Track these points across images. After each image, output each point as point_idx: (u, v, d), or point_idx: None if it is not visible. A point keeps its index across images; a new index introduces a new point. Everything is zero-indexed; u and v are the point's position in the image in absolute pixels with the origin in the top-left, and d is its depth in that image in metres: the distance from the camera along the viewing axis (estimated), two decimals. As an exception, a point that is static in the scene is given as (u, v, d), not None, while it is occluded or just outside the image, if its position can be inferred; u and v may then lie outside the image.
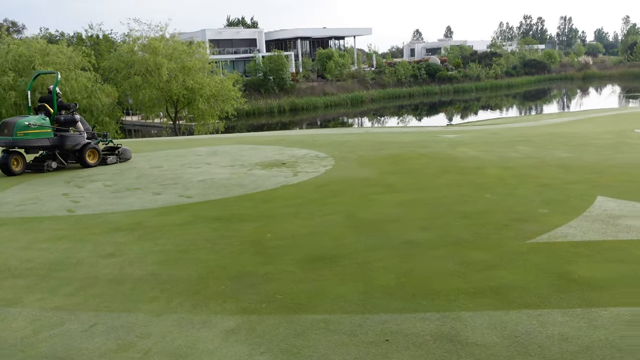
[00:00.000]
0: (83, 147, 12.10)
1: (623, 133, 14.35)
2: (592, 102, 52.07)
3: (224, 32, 71.87)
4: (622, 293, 4.34)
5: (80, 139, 12.09)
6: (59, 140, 11.79)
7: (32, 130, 11.41)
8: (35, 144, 11.56)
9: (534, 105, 54.66)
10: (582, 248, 5.43)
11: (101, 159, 12.38)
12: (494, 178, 8.95)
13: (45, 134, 11.60)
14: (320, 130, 26.25)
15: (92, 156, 12.27)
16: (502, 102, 59.33)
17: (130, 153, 13.09)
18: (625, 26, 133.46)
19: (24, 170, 11.63)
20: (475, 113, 47.51)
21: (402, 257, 5.34)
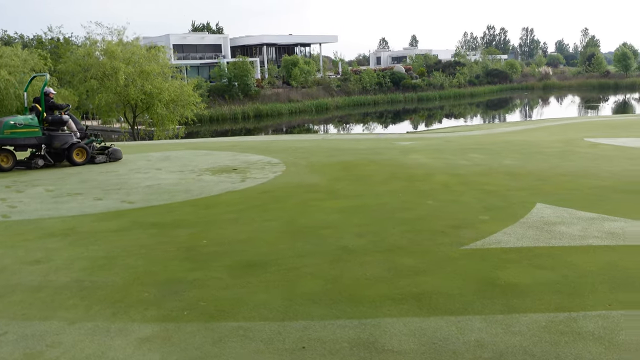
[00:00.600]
0: (71, 146, 12.48)
1: (572, 142, 14.65)
2: (552, 111, 53.32)
3: (188, 37, 71.25)
4: (543, 299, 4.37)
5: (68, 138, 12.47)
6: (47, 139, 12.30)
7: (18, 129, 11.99)
8: (22, 142, 12.14)
9: (496, 114, 55.62)
10: (513, 254, 5.47)
11: (89, 158, 12.74)
12: (440, 185, 9.01)
13: (32, 132, 12.15)
14: (279, 136, 26.18)
15: (80, 155, 12.65)
16: (465, 111, 60.19)
17: (120, 153, 13.34)
18: (584, 38, 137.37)
19: (13, 167, 12.19)
20: (440, 121, 48.06)
21: (332, 263, 5.30)
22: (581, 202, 7.62)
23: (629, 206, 7.33)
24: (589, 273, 4.92)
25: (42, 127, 12.30)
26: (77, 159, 12.59)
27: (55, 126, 12.45)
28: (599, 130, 18.24)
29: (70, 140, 12.48)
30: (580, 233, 6.15)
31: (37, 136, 12.21)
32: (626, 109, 53.71)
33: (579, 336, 3.77)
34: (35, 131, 12.18)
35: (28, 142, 12.21)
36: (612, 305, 4.24)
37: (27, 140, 12.16)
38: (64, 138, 12.43)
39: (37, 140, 12.24)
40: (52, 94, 12.73)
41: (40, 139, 12.26)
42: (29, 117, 12.27)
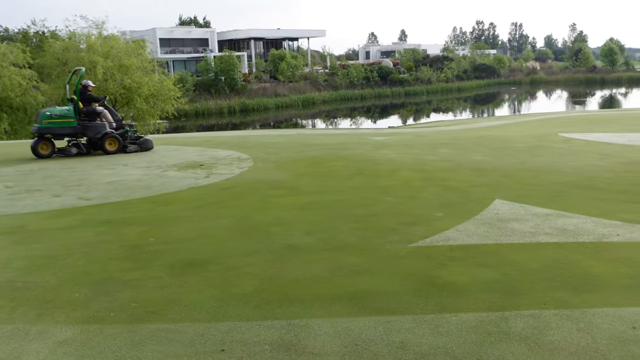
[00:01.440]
0: (104, 136, 13.26)
1: (546, 137, 14.64)
2: (538, 106, 53.33)
3: (175, 31, 70.77)
4: (479, 298, 4.31)
5: (101, 129, 13.29)
6: (82, 129, 13.19)
7: (55, 120, 12.98)
8: (59, 132, 13.13)
9: (483, 108, 55.64)
10: (459, 252, 5.41)
11: (121, 147, 13.48)
12: (403, 181, 8.94)
13: (68, 123, 13.07)
14: (255, 131, 25.95)
15: (112, 144, 13.40)
16: (452, 105, 60.17)
17: (152, 143, 14.00)
18: (572, 33, 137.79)
19: (52, 154, 13.12)
20: (427, 115, 47.99)
21: (273, 262, 5.21)
22: (540, 198, 7.58)
23: (587, 202, 7.30)
24: (532, 271, 4.86)
25: (78, 118, 13.15)
26: (109, 148, 13.34)
27: (90, 117, 13.29)
28: (576, 125, 18.25)
29: (103, 130, 13.27)
30: (532, 230, 6.10)
31: (73, 126, 13.09)
32: (612, 104, 53.95)
33: (506, 336, 3.70)
34: (71, 121, 13.06)
35: (64, 132, 13.14)
36: (547, 304, 4.18)
37: (63, 129, 13.08)
38: (98, 128, 13.26)
39: (72, 130, 13.12)
40: (90, 87, 13.58)
41: (76, 129, 13.14)
42: (65, 108, 13.24)
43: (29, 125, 26.95)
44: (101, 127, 13.30)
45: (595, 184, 8.43)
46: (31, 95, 26.26)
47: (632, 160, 10.43)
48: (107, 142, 13.32)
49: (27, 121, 26.67)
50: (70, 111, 13.11)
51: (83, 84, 13.44)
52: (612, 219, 6.48)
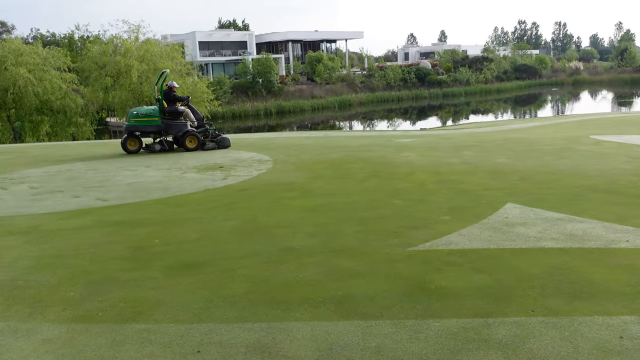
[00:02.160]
0: (184, 134, 14.15)
1: (577, 139, 14.24)
2: (580, 107, 52.00)
3: (214, 34, 71.81)
4: (467, 304, 4.23)
5: (183, 127, 14.20)
6: (165, 127, 14.15)
7: (141, 118, 14.06)
8: (144, 130, 14.20)
9: (521, 110, 54.54)
10: (457, 257, 5.32)
11: (201, 144, 14.31)
12: (417, 184, 8.84)
13: (152, 121, 14.08)
14: (284, 133, 25.99)
15: (192, 142, 14.25)
16: (491, 107, 59.17)
17: (229, 141, 14.81)
18: (618, 32, 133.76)
19: (139, 150, 14.32)
20: (466, 117, 47.33)
21: (269, 265, 5.24)
22: (554, 201, 7.39)
23: (602, 207, 7.07)
24: (528, 277, 4.75)
25: (162, 117, 14.10)
26: (189, 145, 14.19)
27: (173, 116, 14.23)
28: (610, 127, 17.70)
29: (184, 128, 14.17)
30: (538, 234, 5.95)
31: (157, 124, 14.09)
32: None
33: (485, 344, 3.63)
34: (155, 120, 14.06)
35: (149, 130, 14.19)
36: (535, 311, 4.08)
37: (148, 127, 14.14)
38: (179, 126, 14.18)
39: (156, 128, 14.13)
40: (175, 87, 14.52)
41: (159, 127, 14.11)
42: (151, 108, 14.29)
43: (69, 127, 27.84)
44: (183, 126, 14.17)
45: (616, 187, 8.16)
46: (71, 99, 27.09)
47: (661, 163, 10.06)
48: (188, 139, 14.16)
49: (67, 123, 27.53)
50: (155, 110, 14.11)
51: (168, 85, 14.41)
52: (625, 224, 6.26)
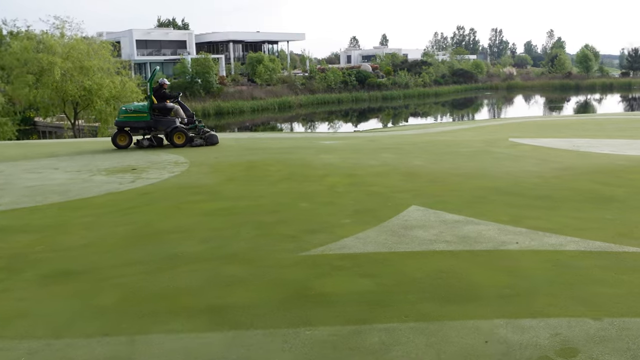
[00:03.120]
0: (172, 130, 14.34)
1: (495, 142, 14.57)
2: (513, 111, 53.72)
3: (152, 32, 70.21)
4: (343, 310, 4.14)
5: (171, 123, 14.38)
6: (153, 124, 14.40)
7: (130, 114, 14.44)
8: (134, 125, 14.52)
9: (458, 113, 55.82)
10: (347, 261, 5.24)
11: (189, 140, 14.46)
12: (328, 186, 8.76)
13: (141, 117, 14.37)
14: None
15: (180, 138, 14.42)
16: (429, 110, 60.31)
17: (216, 138, 14.92)
18: (550, 40, 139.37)
19: (129, 146, 14.61)
20: (406, 120, 47.98)
21: (150, 273, 5.00)
22: (457, 203, 7.45)
23: (502, 208, 7.17)
24: (411, 281, 4.71)
25: (151, 113, 14.32)
26: (177, 141, 14.38)
27: (162, 113, 14.43)
28: (532, 130, 18.24)
29: (172, 125, 14.35)
30: (433, 237, 5.95)
31: (145, 120, 14.36)
32: (587, 110, 54.43)
33: (351, 352, 3.54)
34: (144, 116, 14.35)
35: (138, 125, 14.48)
36: (409, 317, 4.02)
37: (137, 123, 14.45)
38: (167, 123, 14.39)
39: (145, 124, 14.41)
40: (165, 85, 14.80)
41: (148, 123, 14.39)
42: (141, 104, 14.73)
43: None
44: (171, 122, 14.37)
45: (519, 189, 8.32)
46: (-10, 97, 25.79)
47: (566, 165, 10.36)
48: (175, 136, 14.36)
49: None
50: (145, 107, 14.43)
51: (159, 82, 14.71)
52: (519, 225, 6.35)
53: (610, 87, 73.35)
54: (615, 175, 9.33)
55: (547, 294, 4.39)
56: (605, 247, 5.56)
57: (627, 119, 22.12)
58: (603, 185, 8.54)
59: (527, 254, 5.38)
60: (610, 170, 9.85)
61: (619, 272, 4.88)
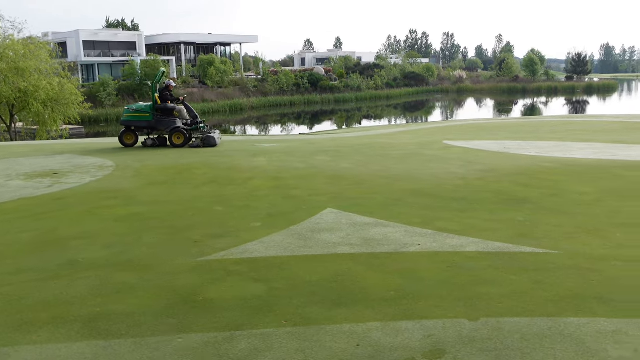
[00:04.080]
0: (172, 130, 14.53)
1: (429, 144, 14.77)
2: (463, 113, 54.71)
3: (100, 33, 68.68)
4: (224, 316, 4.08)
5: (172, 124, 14.58)
6: (155, 124, 14.66)
7: (133, 114, 14.77)
8: (137, 125, 14.86)
9: (409, 115, 56.49)
10: (244, 265, 5.18)
11: (188, 141, 14.63)
12: (250, 189, 8.70)
13: (144, 117, 14.67)
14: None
15: (179, 138, 14.58)
16: (382, 112, 60.84)
17: (214, 140, 14.77)
18: (499, 44, 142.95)
19: (134, 144, 14.99)
20: (359, 122, 48.21)
21: (40, 281, 4.83)
22: (373, 206, 7.49)
23: (416, 210, 7.25)
24: (304, 285, 4.69)
25: (153, 113, 14.56)
26: (176, 141, 14.57)
27: (165, 113, 14.62)
28: (470, 132, 18.59)
29: (172, 125, 14.54)
30: (339, 240, 5.95)
31: (147, 120, 14.64)
32: (534, 112, 55.97)
33: (218, 358, 3.48)
34: (146, 116, 14.63)
35: (141, 125, 14.79)
36: (289, 321, 3.99)
37: (140, 123, 14.76)
38: (168, 123, 14.59)
39: (147, 123, 14.71)
40: (171, 87, 15.08)
41: (150, 123, 14.67)
42: (144, 104, 14.96)
43: None
44: (172, 123, 14.55)
45: (438, 191, 8.43)
46: None
47: (491, 167, 10.57)
48: (175, 136, 14.53)
49: None
50: (148, 107, 14.71)
51: (166, 83, 15.05)
52: (427, 227, 6.43)
53: (555, 91, 75.69)
54: (536, 177, 9.56)
55: (433, 296, 4.44)
56: (503, 248, 5.68)
57: (563, 122, 22.80)
58: (521, 187, 8.74)
59: (426, 256, 5.44)
60: (533, 172, 10.09)
61: (509, 272, 4.98)
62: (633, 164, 10.83)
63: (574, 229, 6.37)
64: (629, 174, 9.66)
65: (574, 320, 4.00)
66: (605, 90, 77.18)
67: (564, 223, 6.62)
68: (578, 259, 5.33)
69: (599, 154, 12.27)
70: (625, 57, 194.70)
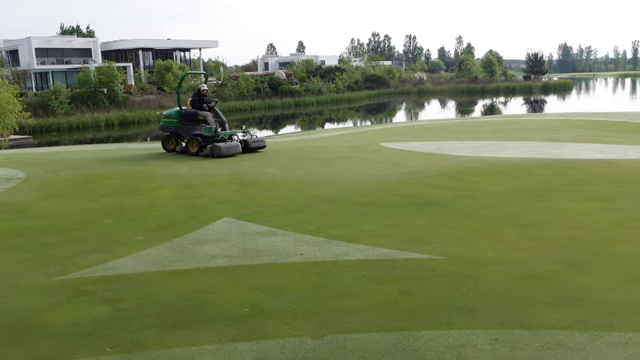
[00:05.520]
0: (189, 138, 13.80)
1: (364, 147, 14.52)
2: (424, 114, 54.90)
3: (54, 40, 67.08)
4: (41, 345, 3.67)
5: (191, 130, 13.85)
6: (180, 129, 14.20)
7: (165, 120, 14.71)
8: (167, 130, 14.66)
9: (373, 118, 56.42)
10: (100, 285, 4.80)
11: (201, 149, 13.54)
12: (151, 199, 8.29)
13: (172, 123, 14.43)
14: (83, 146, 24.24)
15: (194, 146, 13.72)
16: (344, 115, 60.62)
17: (219, 150, 13.17)
18: (459, 45, 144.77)
19: (174, 150, 14.45)
20: (322, 125, 47.79)
21: None
22: (273, 214, 7.17)
23: (314, 217, 6.96)
24: (156, 304, 4.34)
25: (180, 119, 14.15)
26: (191, 149, 13.79)
27: (189, 119, 14.04)
28: (412, 133, 18.40)
29: (191, 132, 13.77)
30: (219, 252, 5.61)
31: (175, 126, 14.33)
32: (493, 112, 56.53)
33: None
34: (174, 122, 14.34)
35: (170, 131, 14.51)
36: (114, 347, 3.62)
37: (169, 129, 14.52)
38: (188, 130, 13.95)
39: (175, 129, 14.35)
40: (203, 91, 14.35)
41: (177, 129, 14.27)
42: (174, 110, 14.62)
43: None
44: (191, 130, 13.85)
45: (349, 196, 8.15)
46: None
47: (415, 169, 10.35)
48: (190, 144, 13.78)
49: None
50: (175, 113, 14.36)
51: (199, 88, 14.47)
52: (319, 235, 6.13)
53: (513, 91, 76.73)
54: (457, 178, 9.37)
55: (288, 312, 4.12)
56: (388, 255, 5.41)
57: (507, 121, 22.82)
58: (436, 189, 8.53)
59: (302, 267, 5.13)
60: (455, 172, 9.90)
61: (381, 281, 4.70)
62: (551, 162, 10.76)
63: (470, 232, 6.15)
64: (544, 172, 9.55)
65: (425, 333, 3.73)
66: (561, 89, 78.59)
67: (462, 226, 6.40)
68: (460, 264, 5.09)
69: (526, 153, 12.19)
70: (582, 56, 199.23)
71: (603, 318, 3.89)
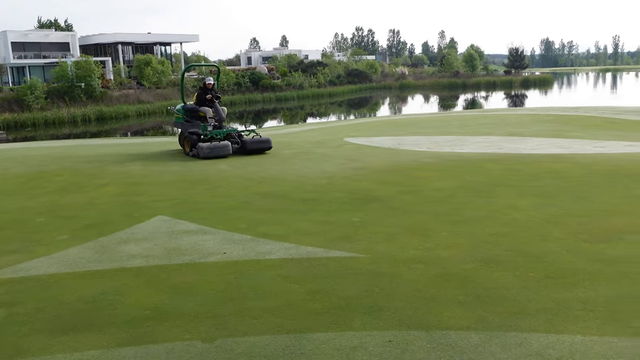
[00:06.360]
0: (185, 135, 12.88)
1: (327, 142, 14.41)
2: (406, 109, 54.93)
3: (30, 34, 66.15)
4: None
5: (189, 127, 13.05)
6: (184, 126, 13.31)
7: (175, 115, 14.05)
8: (177, 127, 14.15)
9: (354, 112, 56.35)
10: (6, 287, 4.63)
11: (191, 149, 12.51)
12: (91, 198, 8.11)
13: (179, 119, 13.75)
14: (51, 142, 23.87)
15: (187, 145, 12.77)
16: (326, 110, 60.49)
17: (202, 151, 11.95)
18: (442, 40, 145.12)
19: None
20: (304, 120, 47.66)
21: None
22: (211, 211, 7.05)
23: (252, 215, 6.84)
24: (54, 307, 4.20)
25: (185, 115, 13.39)
26: (185, 147, 12.89)
27: (192, 115, 13.32)
28: (379, 129, 18.33)
29: (189, 129, 12.93)
30: (140, 252, 5.47)
31: (181, 122, 13.52)
32: (474, 106, 56.70)
33: None
34: (179, 117, 13.66)
35: (179, 127, 13.82)
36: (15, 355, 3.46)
37: (178, 125, 13.84)
38: (187, 127, 13.12)
39: (181, 125, 13.52)
40: (209, 85, 13.33)
41: (182, 126, 13.38)
42: (181, 105, 13.76)
43: None
44: (189, 126, 13.09)
45: (293, 193, 8.04)
46: None
47: (367, 165, 10.26)
48: (185, 142, 12.90)
49: None
50: (181, 108, 13.64)
51: (204, 81, 13.58)
52: (248, 233, 6.02)
53: (494, 85, 77.10)
54: (406, 174, 9.28)
55: (187, 315, 4.00)
56: (312, 253, 5.30)
57: (478, 115, 22.82)
58: (381, 185, 8.44)
59: (221, 266, 5.01)
60: (406, 168, 9.82)
61: (295, 281, 4.60)
62: (507, 157, 10.71)
63: (401, 229, 6.06)
64: (495, 168, 9.50)
65: (320, 336, 3.63)
66: (541, 84, 79.12)
67: (396, 223, 6.31)
68: (381, 262, 4.99)
69: (486, 148, 12.16)
70: (564, 51, 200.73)
71: (504, 318, 3.82)
